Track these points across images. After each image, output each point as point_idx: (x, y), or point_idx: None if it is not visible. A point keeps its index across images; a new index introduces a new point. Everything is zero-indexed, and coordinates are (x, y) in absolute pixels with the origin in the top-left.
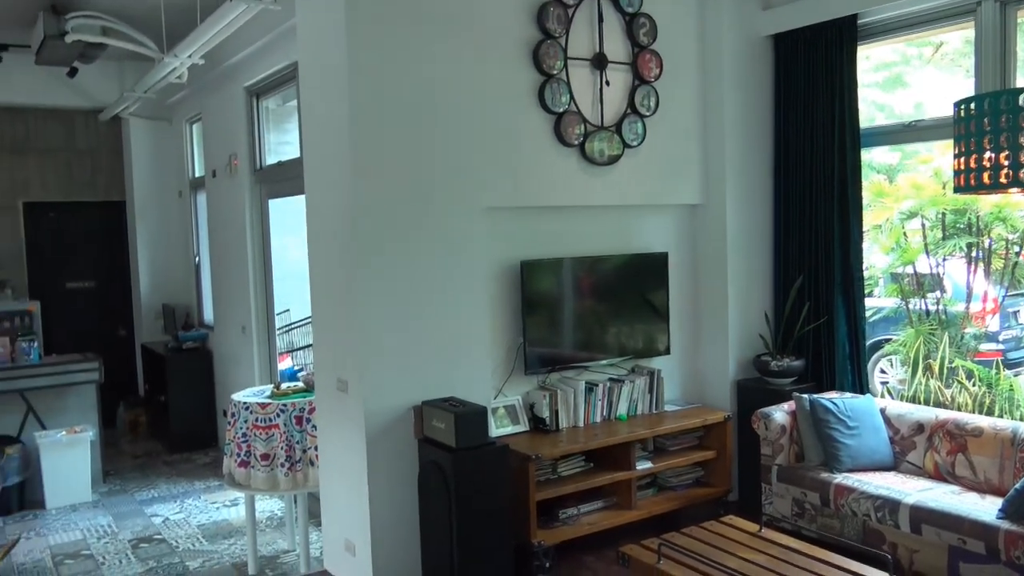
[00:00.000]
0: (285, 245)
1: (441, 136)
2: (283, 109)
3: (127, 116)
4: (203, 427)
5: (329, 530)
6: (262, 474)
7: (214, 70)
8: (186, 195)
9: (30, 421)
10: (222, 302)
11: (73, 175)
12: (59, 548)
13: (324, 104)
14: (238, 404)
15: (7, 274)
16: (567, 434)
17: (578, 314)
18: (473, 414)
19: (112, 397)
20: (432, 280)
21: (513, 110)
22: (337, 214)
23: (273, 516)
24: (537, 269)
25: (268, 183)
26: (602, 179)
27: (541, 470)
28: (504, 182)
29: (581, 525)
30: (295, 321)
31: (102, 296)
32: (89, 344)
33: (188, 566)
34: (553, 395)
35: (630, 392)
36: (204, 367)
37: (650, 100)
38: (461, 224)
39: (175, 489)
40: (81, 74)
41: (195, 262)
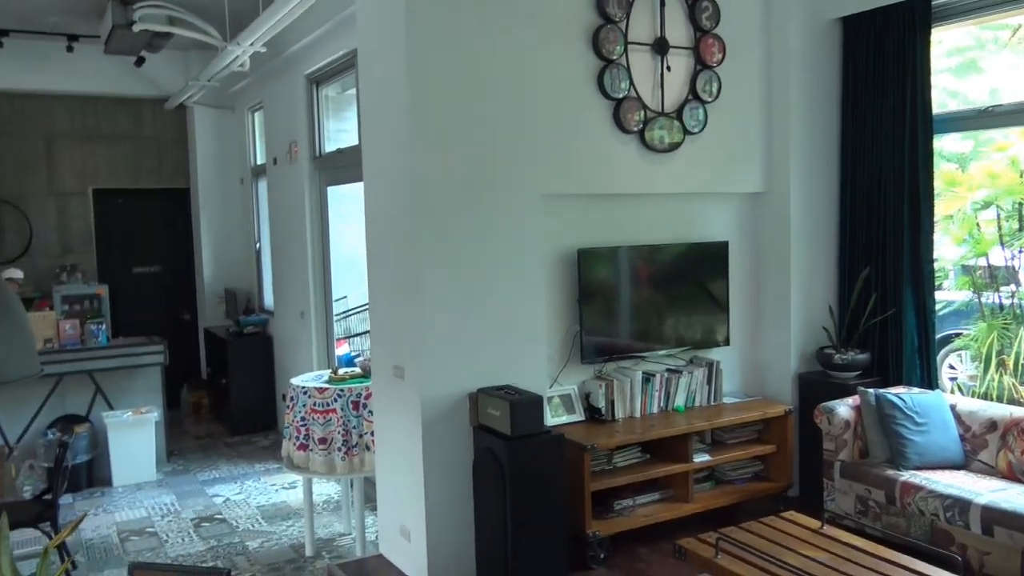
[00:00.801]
0: (343, 233)
1: (499, 123)
2: (342, 97)
3: (192, 104)
4: (263, 410)
5: (384, 515)
6: (320, 458)
7: (275, 58)
8: (248, 182)
9: (98, 401)
10: (282, 288)
11: (140, 162)
12: (125, 525)
13: (383, 91)
14: (297, 388)
15: (77, 258)
16: (623, 424)
17: (635, 303)
18: (529, 402)
19: (176, 379)
20: (489, 267)
21: (572, 96)
22: (395, 201)
23: (330, 499)
24: (594, 257)
25: (327, 170)
26: (662, 166)
27: (596, 460)
28: (562, 169)
29: (636, 517)
30: (352, 308)
31: (167, 281)
32: (154, 328)
33: (248, 546)
34: (609, 385)
35: (688, 383)
36: (264, 351)
37: (712, 86)
38: (518, 211)
39: (236, 470)
40: (148, 63)
41: (256, 248)
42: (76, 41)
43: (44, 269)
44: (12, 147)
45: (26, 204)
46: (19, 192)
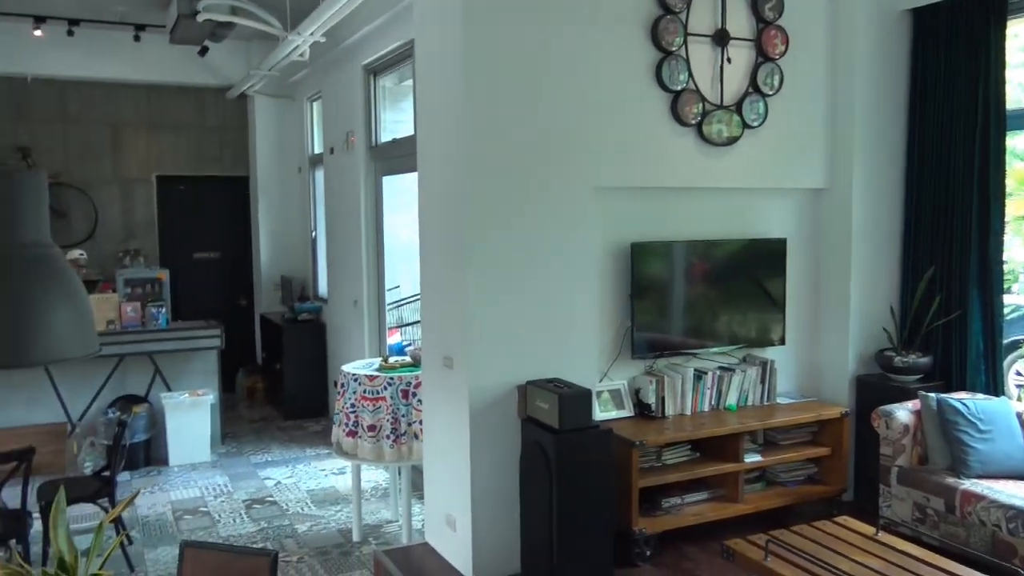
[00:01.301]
0: (396, 222)
1: (554, 114)
2: (399, 88)
3: (253, 94)
4: (315, 396)
5: (431, 504)
6: (368, 445)
7: (334, 49)
8: (305, 171)
9: (157, 383)
10: (336, 276)
11: (202, 150)
12: (179, 504)
13: (438, 81)
14: (348, 375)
15: (140, 243)
16: (673, 422)
17: (689, 299)
18: (578, 396)
19: (232, 364)
20: (541, 260)
21: (629, 88)
22: (448, 191)
23: (378, 487)
24: (648, 252)
25: (383, 160)
26: (719, 160)
27: (645, 457)
28: (617, 162)
29: (684, 515)
30: (405, 297)
31: (225, 266)
32: (212, 312)
33: (296, 529)
34: (660, 381)
35: (741, 382)
36: (317, 338)
37: (774, 78)
38: (572, 204)
39: (287, 454)
40: (211, 53)
41: (312, 236)
42: (143, 31)
43: (108, 253)
44: (80, 134)
45: (92, 190)
46: (86, 178)
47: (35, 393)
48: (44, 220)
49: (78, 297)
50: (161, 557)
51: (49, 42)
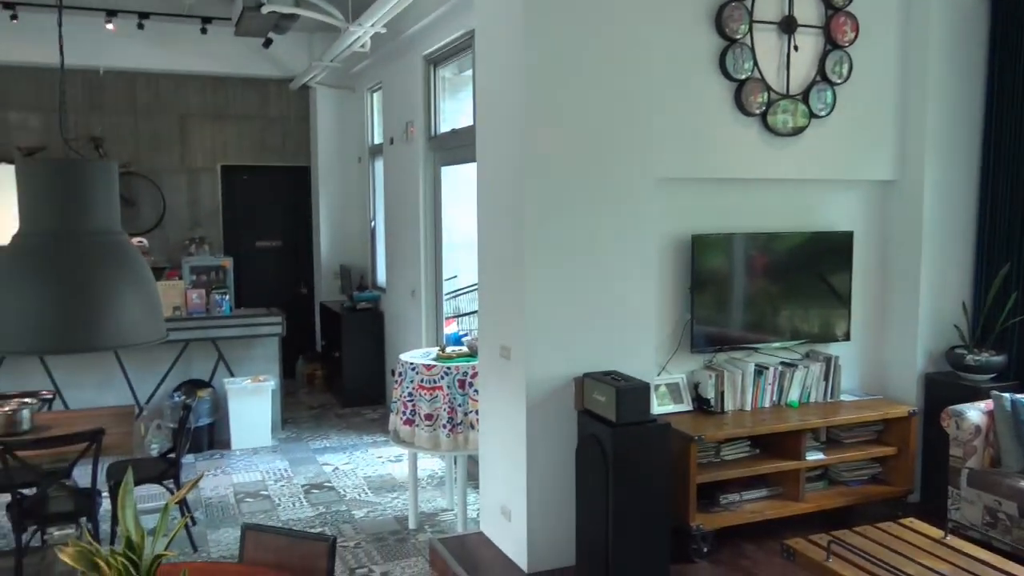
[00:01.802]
0: (453, 212)
1: (615, 104)
2: (458, 78)
3: (314, 85)
4: (372, 384)
5: (487, 493)
6: (425, 433)
7: (395, 39)
8: (365, 161)
9: (220, 368)
10: (394, 265)
11: (265, 140)
12: (241, 487)
13: (498, 71)
14: (405, 364)
15: (205, 231)
16: (732, 417)
17: (750, 293)
18: (636, 389)
19: (292, 351)
20: (599, 251)
21: (691, 77)
22: (507, 182)
23: (433, 475)
24: (709, 244)
25: (442, 151)
26: (784, 151)
27: (703, 452)
28: (679, 152)
29: (743, 512)
30: (462, 287)
31: (287, 255)
32: (273, 300)
33: (354, 515)
34: (720, 376)
35: (803, 378)
36: (376, 327)
37: (842, 66)
38: (632, 195)
39: (345, 441)
40: (275, 45)
41: (371, 226)
42: (209, 23)
43: (175, 241)
44: (149, 125)
45: (160, 179)
46: (154, 167)
47: (105, 376)
48: (115, 208)
49: (146, 284)
50: (223, 538)
51: (120, 35)
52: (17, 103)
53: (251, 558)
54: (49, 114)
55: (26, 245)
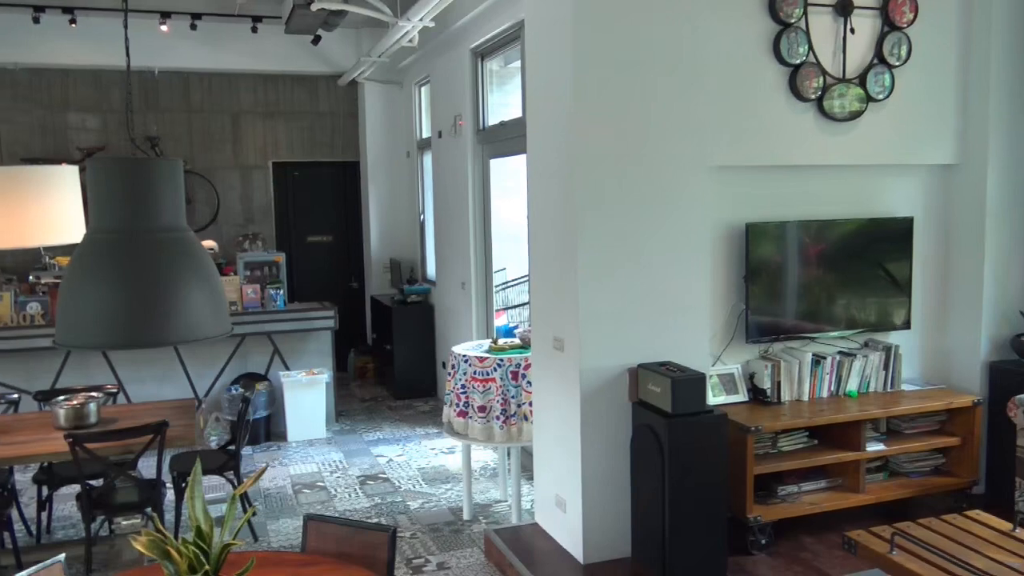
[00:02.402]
0: (501, 204)
1: (666, 92)
2: (505, 70)
3: (363, 80)
4: (424, 376)
5: (541, 484)
6: (479, 425)
7: (443, 33)
8: (413, 155)
9: (275, 361)
10: (444, 258)
11: (315, 137)
12: (298, 478)
13: (548, 61)
14: (458, 356)
15: (258, 227)
16: (790, 407)
17: (806, 281)
18: (691, 380)
19: (344, 344)
20: (652, 241)
21: (744, 63)
22: (557, 173)
23: (486, 466)
24: (763, 232)
25: (490, 143)
26: (841, 136)
27: (760, 443)
28: (732, 140)
29: (802, 504)
30: (511, 280)
31: (337, 250)
32: (325, 294)
33: (409, 506)
34: (776, 366)
35: (862, 367)
36: (426, 320)
37: (901, 48)
38: (685, 184)
39: (398, 433)
40: (323, 41)
41: (420, 220)
42: (260, 22)
43: (229, 237)
44: (203, 123)
45: (214, 176)
46: (209, 165)
47: (166, 370)
48: (180, 206)
49: (212, 279)
50: (282, 528)
51: (174, 37)
52: (76, 105)
53: (313, 547)
54: (107, 115)
55: (97, 242)
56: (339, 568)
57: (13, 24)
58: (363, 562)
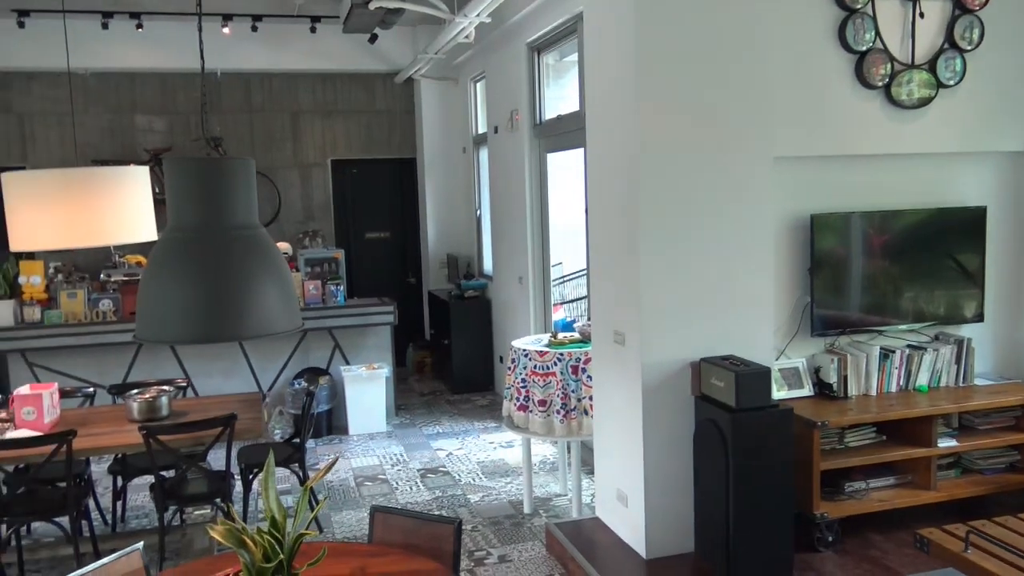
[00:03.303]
0: (556, 199)
1: (729, 81)
2: (561, 64)
3: (419, 77)
4: (481, 371)
5: (602, 479)
6: (539, 419)
7: (499, 28)
8: (469, 151)
9: (336, 356)
10: (501, 253)
11: (372, 134)
12: (360, 471)
13: (608, 54)
14: (518, 351)
15: (318, 224)
16: (856, 402)
17: (873, 273)
18: (756, 374)
19: (402, 339)
20: (714, 233)
21: (808, 51)
22: (618, 166)
23: (546, 460)
24: (829, 223)
25: (547, 138)
26: (909, 124)
27: (827, 438)
28: (796, 130)
29: (870, 501)
30: (567, 274)
31: (395, 246)
32: (384, 289)
33: (469, 499)
34: (842, 360)
35: (932, 361)
36: (483, 315)
37: (973, 32)
38: (748, 175)
39: (457, 427)
40: (380, 40)
41: (476, 215)
42: (318, 22)
43: (290, 234)
44: (263, 123)
45: (275, 175)
46: (270, 164)
47: (231, 365)
48: (253, 203)
49: (284, 275)
50: (346, 520)
51: (235, 38)
52: (143, 107)
53: (379, 538)
54: (172, 117)
55: (175, 240)
56: (406, 559)
57: (84, 31)
58: (429, 553)
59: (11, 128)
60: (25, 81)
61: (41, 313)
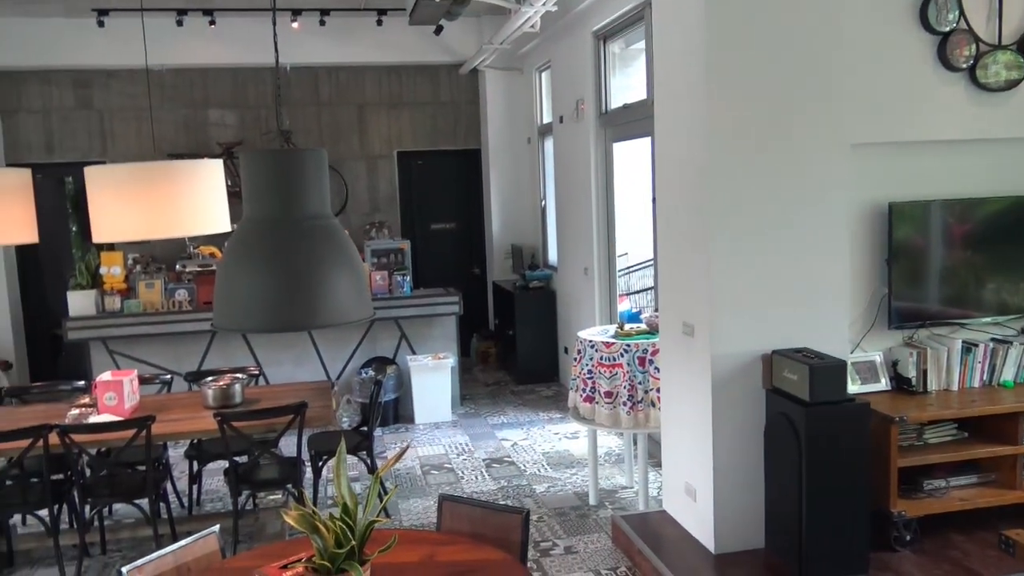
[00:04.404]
0: (620, 189)
1: (804, 66)
2: (627, 52)
3: (483, 68)
4: (545, 362)
5: (669, 472)
6: (605, 411)
7: (564, 16)
8: (534, 141)
9: (402, 346)
10: (566, 244)
11: (437, 126)
12: (426, 460)
13: (678, 40)
14: (584, 342)
15: (384, 216)
16: (936, 397)
17: (954, 264)
18: (831, 367)
19: (466, 329)
20: (787, 222)
21: (888, 33)
22: (687, 154)
23: (611, 452)
24: (908, 212)
25: (612, 127)
26: (996, 108)
27: (905, 434)
28: (874, 115)
29: (950, 500)
30: (632, 265)
31: (460, 236)
32: (448, 280)
33: (535, 489)
34: (922, 353)
35: (1019, 356)
36: (547, 305)
37: None
38: (823, 163)
39: (521, 417)
40: (445, 31)
41: (541, 205)
42: (384, 15)
43: (356, 225)
44: (331, 115)
45: (343, 167)
46: (337, 156)
47: (301, 354)
48: (326, 194)
49: (356, 266)
50: (413, 508)
51: (304, 33)
52: (215, 102)
53: (448, 527)
54: (243, 111)
55: (251, 231)
56: (475, 548)
57: (160, 28)
58: (496, 543)
59: (92, 124)
60: (105, 78)
61: (121, 303)
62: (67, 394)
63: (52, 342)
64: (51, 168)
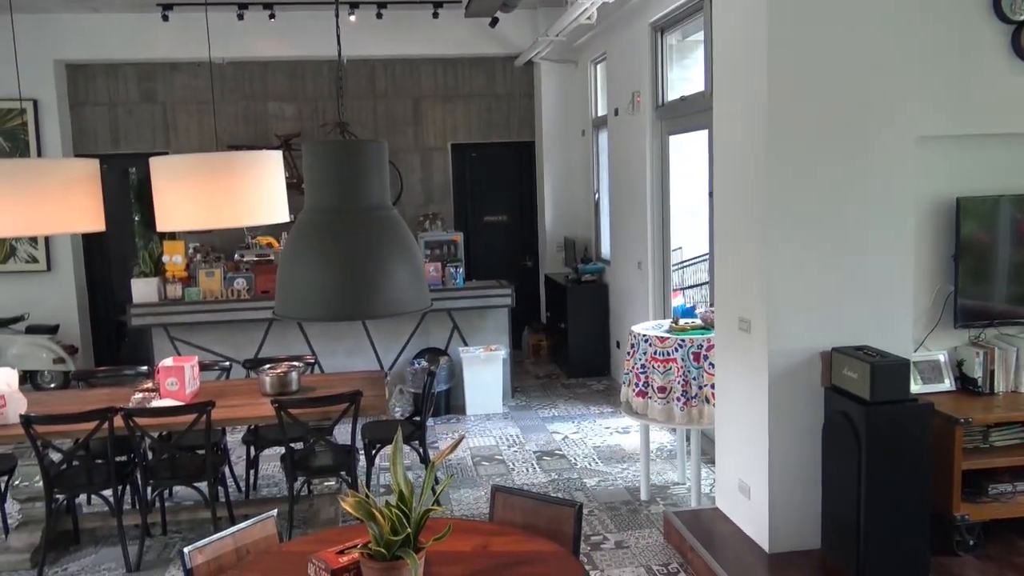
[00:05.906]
0: (675, 182)
1: (868, 57)
2: (684, 44)
3: (538, 60)
4: (597, 356)
5: (723, 469)
6: (659, 406)
7: (621, 8)
8: (588, 134)
9: (454, 337)
10: (619, 237)
11: (491, 118)
12: (477, 451)
13: (740, 31)
14: (637, 336)
15: (437, 208)
16: (1004, 399)
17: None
18: (893, 366)
19: (518, 322)
20: (849, 217)
21: (957, 23)
22: (747, 147)
23: (663, 447)
24: (977, 207)
25: (669, 119)
26: None
27: (969, 436)
28: (941, 108)
29: (1017, 504)
30: (687, 259)
31: (512, 229)
32: (501, 272)
33: (586, 483)
34: (989, 353)
35: None
36: (600, 299)
37: None
38: (887, 156)
39: (572, 410)
40: (501, 23)
41: (595, 198)
42: (440, 8)
43: (410, 217)
44: (387, 108)
45: (397, 159)
46: (392, 148)
47: (354, 344)
48: (386, 185)
49: (414, 256)
50: (464, 498)
51: (361, 26)
52: (274, 94)
53: (500, 518)
54: (302, 103)
55: (312, 221)
56: (527, 539)
57: (222, 22)
58: (548, 535)
59: (156, 116)
60: (168, 72)
61: (182, 290)
62: (131, 379)
63: (116, 328)
64: (116, 159)
